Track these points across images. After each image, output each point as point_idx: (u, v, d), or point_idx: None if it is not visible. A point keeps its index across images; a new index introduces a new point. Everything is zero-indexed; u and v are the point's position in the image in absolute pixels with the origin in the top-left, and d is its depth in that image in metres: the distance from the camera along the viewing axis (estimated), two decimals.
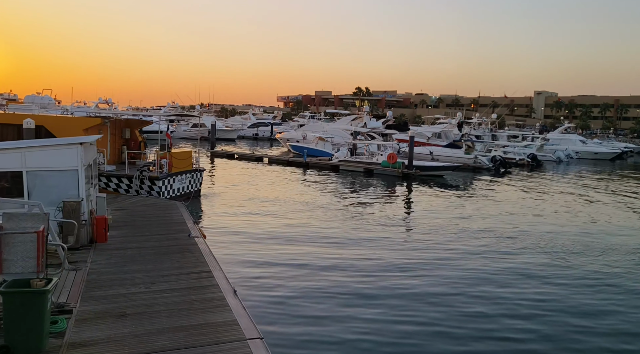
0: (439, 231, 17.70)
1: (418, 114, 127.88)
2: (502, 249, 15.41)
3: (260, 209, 20.62)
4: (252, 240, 15.36)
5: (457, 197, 26.83)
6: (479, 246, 15.75)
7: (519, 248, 15.64)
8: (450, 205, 23.83)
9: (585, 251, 15.61)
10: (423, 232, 17.61)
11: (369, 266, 13.11)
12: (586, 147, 64.85)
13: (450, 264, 13.58)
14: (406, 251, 14.95)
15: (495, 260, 14.15)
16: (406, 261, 13.78)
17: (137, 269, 9.71)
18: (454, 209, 22.75)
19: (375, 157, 37.20)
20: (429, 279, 12.25)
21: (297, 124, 75.27)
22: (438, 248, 15.32)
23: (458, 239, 16.63)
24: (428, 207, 23.10)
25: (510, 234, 17.54)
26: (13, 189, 11.13)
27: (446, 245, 15.71)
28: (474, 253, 14.81)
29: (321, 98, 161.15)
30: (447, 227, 18.35)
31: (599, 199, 27.97)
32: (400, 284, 11.79)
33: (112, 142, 22.03)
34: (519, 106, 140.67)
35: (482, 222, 19.68)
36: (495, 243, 16.16)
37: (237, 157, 43.04)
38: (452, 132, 51.48)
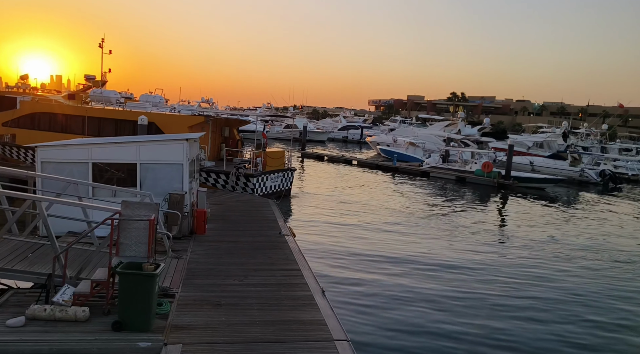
0: (534, 247, 16.59)
1: (518, 121, 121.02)
2: (605, 273, 14.06)
3: (347, 211, 20.73)
4: (339, 242, 15.48)
5: (559, 212, 24.95)
6: (578, 267, 14.52)
7: (623, 272, 14.17)
8: (550, 221, 22.23)
9: None
10: (518, 246, 16.61)
11: (457, 279, 12.63)
12: None
13: (545, 284, 12.67)
14: (499, 267, 14.20)
15: (596, 283, 12.95)
16: (499, 277, 13.08)
17: (232, 262, 10.22)
18: (554, 225, 21.19)
19: (468, 165, 35.77)
20: (521, 299, 11.52)
21: (388, 128, 74.65)
22: (533, 266, 14.36)
23: (555, 258, 15.46)
24: (525, 221, 21.74)
25: (616, 258, 15.96)
26: (128, 179, 12.24)
27: (541, 263, 14.68)
28: (572, 274, 13.67)
29: (413, 102, 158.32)
30: (544, 244, 17.14)
31: None
32: (490, 299, 11.22)
33: (213, 140, 23.38)
34: (635, 117, 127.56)
35: (585, 242, 18.11)
36: (597, 265, 14.79)
37: (326, 159, 43.66)
38: (556, 143, 48.01)
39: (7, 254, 8.57)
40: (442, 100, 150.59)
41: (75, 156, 12.05)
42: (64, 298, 7.08)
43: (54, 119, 24.46)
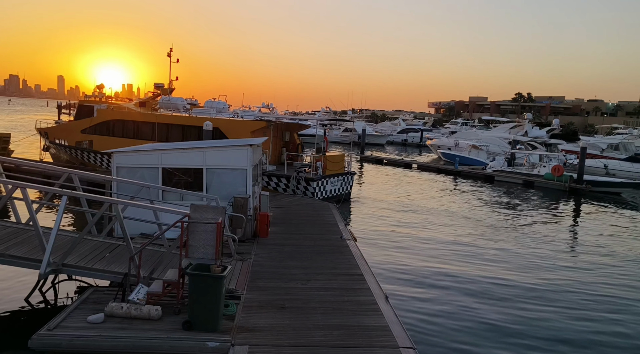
0: (611, 256, 15.49)
1: (590, 122, 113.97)
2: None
3: (408, 216, 20.37)
4: (401, 248, 15.22)
5: (636, 218, 23.20)
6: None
7: None
8: (627, 227, 20.71)
9: None
10: (593, 257, 15.58)
11: (525, 291, 12.02)
12: None
13: (617, 300, 11.78)
14: (571, 281, 13.38)
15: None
16: (570, 289, 12.33)
17: (295, 265, 10.32)
18: (631, 232, 19.70)
19: (536, 168, 34.13)
20: (596, 312, 10.78)
21: (449, 131, 72.90)
22: (607, 276, 13.41)
23: (631, 267, 14.34)
24: (600, 228, 20.37)
25: None
26: (195, 183, 12.71)
27: (617, 274, 13.67)
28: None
29: (475, 104, 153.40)
30: (621, 254, 15.96)
31: None
32: (559, 316, 10.58)
33: (274, 144, 23.82)
34: None
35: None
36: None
37: (385, 163, 43.23)
38: (634, 145, 44.75)
39: (87, 254, 9.14)
40: (506, 101, 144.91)
41: (147, 161, 12.68)
42: (139, 296, 7.44)
43: (127, 125, 25.92)
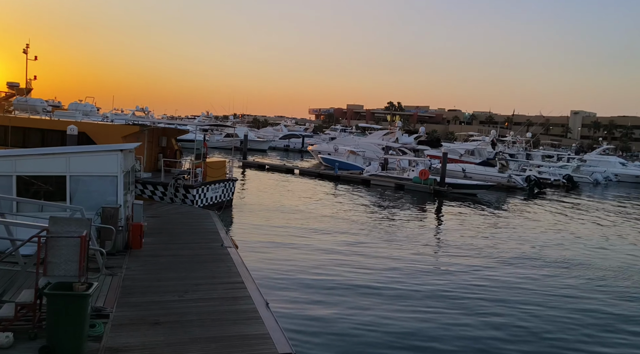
0: (469, 252, 17.33)
1: (450, 130, 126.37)
2: (537, 274, 14.95)
3: (290, 221, 20.68)
4: (283, 253, 15.39)
5: (491, 217, 26.27)
6: (511, 271, 15.34)
7: (554, 272, 15.14)
8: (483, 225, 23.34)
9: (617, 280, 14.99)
10: (454, 251, 17.27)
11: (399, 286, 12.92)
12: (627, 170, 62.53)
13: (480, 286, 13.26)
14: (439, 274, 14.70)
15: (529, 284, 13.74)
16: (438, 283, 13.53)
17: (171, 277, 9.86)
18: (487, 229, 22.27)
19: (406, 172, 36.90)
20: (457, 302, 11.98)
21: (329, 137, 75.61)
22: (468, 270, 14.99)
23: (489, 260, 16.24)
24: (460, 226, 22.69)
25: (547, 259, 17.01)
26: (57, 193, 11.52)
27: (476, 266, 15.37)
28: (506, 277, 14.42)
29: (353, 111, 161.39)
30: (479, 248, 17.96)
31: (634, 223, 26.89)
32: (433, 311, 11.56)
33: (149, 150, 22.59)
34: (555, 126, 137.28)
35: (515, 244, 19.17)
36: (529, 267, 15.69)
37: (268, 168, 43.44)
38: (486, 150, 50.66)
39: None
40: (380, 109, 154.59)
41: None
42: None
43: None
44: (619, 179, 59.66)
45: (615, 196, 43.34)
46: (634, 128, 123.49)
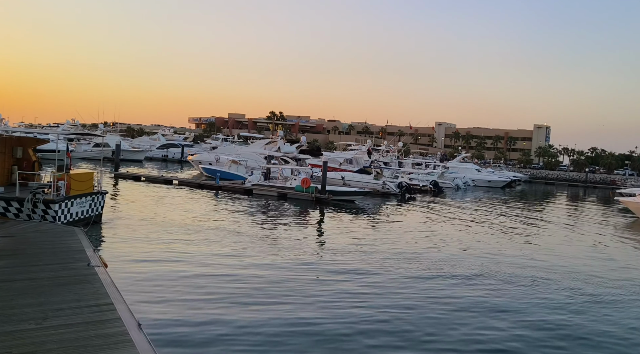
0: (350, 255, 18.07)
1: (330, 140, 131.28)
2: (413, 273, 16.09)
3: (169, 235, 19.72)
4: (159, 269, 14.59)
5: (368, 221, 27.72)
6: (395, 271, 16.32)
7: (423, 270, 16.44)
8: (361, 229, 24.53)
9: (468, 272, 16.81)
10: (336, 256, 17.86)
11: (284, 297, 13.00)
12: (481, 176, 70.61)
13: (361, 288, 13.91)
14: (322, 282, 15.06)
15: (406, 284, 14.73)
16: (325, 290, 13.87)
17: (27, 304, 8.79)
18: (366, 233, 23.45)
19: (289, 181, 37.45)
20: (335, 306, 12.43)
21: (210, 147, 73.89)
22: (349, 272, 15.63)
23: (366, 261, 17.11)
24: (341, 231, 23.59)
25: (421, 259, 18.38)
26: None
27: (356, 269, 16.08)
28: (384, 279, 15.31)
29: (234, 121, 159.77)
30: (358, 251, 18.82)
31: (493, 223, 30.40)
32: (312, 320, 11.81)
33: (1, 162, 20.03)
34: (422, 136, 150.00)
35: (391, 245, 20.43)
36: (406, 266, 16.83)
37: (144, 180, 41.04)
38: (363, 159, 53.50)
39: None
40: (262, 118, 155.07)
41: None
42: None
43: None
44: (475, 183, 67.08)
45: (472, 198, 48.58)
46: (486, 138, 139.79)
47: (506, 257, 19.71)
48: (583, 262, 19.98)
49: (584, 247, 24.18)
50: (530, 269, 17.53)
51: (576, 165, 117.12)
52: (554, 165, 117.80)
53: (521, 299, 13.85)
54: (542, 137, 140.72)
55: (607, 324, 12.22)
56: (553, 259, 20.02)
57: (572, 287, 15.51)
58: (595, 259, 21.07)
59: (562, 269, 18.11)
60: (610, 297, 14.70)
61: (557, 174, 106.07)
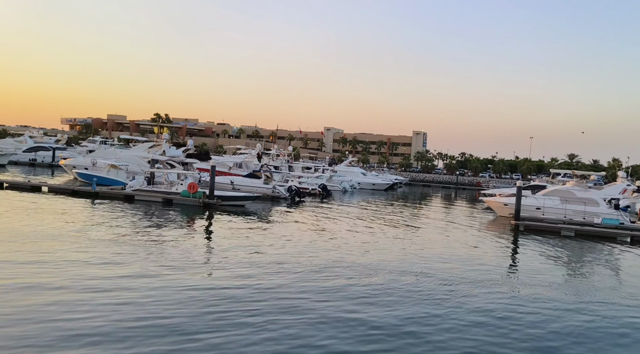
0: (240, 261, 17.90)
1: (220, 143, 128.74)
2: (305, 276, 16.40)
3: (36, 247, 17.80)
4: (19, 295, 13.14)
5: (258, 226, 27.67)
6: (280, 274, 16.46)
7: (314, 271, 16.86)
8: (251, 234, 24.39)
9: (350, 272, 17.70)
10: (224, 263, 17.58)
11: (170, 310, 12.48)
12: (366, 179, 74.41)
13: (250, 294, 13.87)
14: (207, 289, 14.72)
15: (298, 286, 14.97)
16: (213, 296, 13.56)
17: None
18: (256, 237, 23.36)
19: (174, 186, 36.01)
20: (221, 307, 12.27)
21: (86, 150, 68.31)
22: (235, 278, 15.49)
23: (257, 266, 17.10)
24: (230, 237, 23.24)
25: (314, 261, 18.79)
26: None
27: (244, 274, 15.98)
28: (272, 283, 15.42)
29: (114, 122, 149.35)
30: (247, 257, 18.71)
31: (378, 223, 32.19)
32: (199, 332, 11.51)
33: None
34: (312, 140, 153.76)
35: (280, 250, 20.62)
36: (296, 270, 17.09)
37: (7, 187, 36.62)
38: (253, 163, 53.26)
39: None
40: (145, 120, 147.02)
41: None
42: None
43: None
44: (361, 186, 70.49)
45: (358, 200, 50.95)
46: (370, 143, 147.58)
47: (387, 254, 20.98)
48: (451, 256, 21.96)
49: (453, 242, 26.58)
50: (404, 266, 18.86)
51: (449, 168, 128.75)
52: (430, 169, 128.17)
53: (393, 292, 14.87)
54: (420, 143, 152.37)
55: (473, 311, 13.61)
56: (427, 253, 21.76)
57: (437, 279, 17.00)
58: (462, 254, 23.29)
59: (429, 263, 19.76)
60: (473, 287, 16.36)
61: (433, 177, 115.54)
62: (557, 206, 37.56)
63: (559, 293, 16.24)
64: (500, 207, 42.27)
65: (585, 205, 36.69)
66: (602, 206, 36.87)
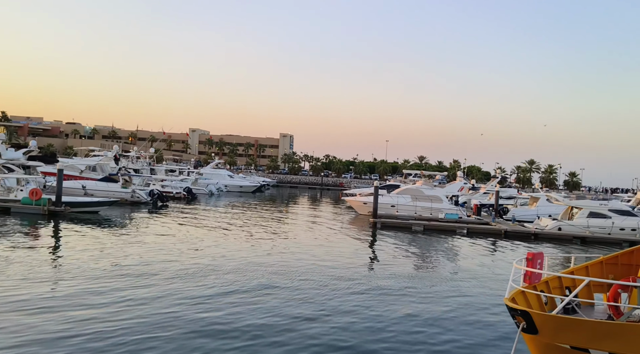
0: (92, 274, 16.46)
1: (70, 144, 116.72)
2: (167, 285, 15.64)
3: None
4: None
5: (113, 234, 25.70)
6: (134, 285, 15.50)
7: (178, 278, 16.21)
8: (106, 243, 22.56)
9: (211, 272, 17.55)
10: (74, 276, 16.00)
11: None
12: (233, 181, 73.77)
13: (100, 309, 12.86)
14: (49, 309, 13.29)
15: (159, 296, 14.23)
16: (53, 319, 12.23)
17: None
18: (110, 247, 21.66)
19: (13, 193, 31.78)
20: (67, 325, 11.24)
21: None
22: (88, 293, 14.24)
23: (112, 278, 15.90)
24: (79, 247, 21.18)
25: (173, 267, 17.98)
26: None
27: (98, 287, 14.77)
28: (130, 294, 14.48)
29: None
30: (101, 268, 17.29)
31: (246, 225, 32.06)
32: None
33: None
34: (176, 142, 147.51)
35: (136, 258, 19.43)
36: (153, 278, 16.23)
37: None
38: (109, 166, 49.33)
39: None
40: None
41: None
42: None
43: None
44: (228, 189, 69.66)
45: (225, 203, 50.24)
46: (238, 145, 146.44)
47: (252, 256, 21.06)
48: (314, 254, 22.86)
49: (317, 241, 27.67)
50: (269, 266, 19.18)
51: (314, 170, 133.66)
52: (297, 170, 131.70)
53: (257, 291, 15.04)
54: (287, 145, 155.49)
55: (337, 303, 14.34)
56: (292, 252, 22.35)
57: (298, 274, 17.62)
58: (323, 251, 24.37)
59: (294, 262, 20.38)
60: (336, 281, 17.25)
61: (300, 179, 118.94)
62: (408, 204, 41.30)
63: (410, 282, 17.90)
64: (360, 206, 45.14)
65: (432, 202, 40.94)
66: (445, 203, 41.54)
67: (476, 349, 11.41)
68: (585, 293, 10.29)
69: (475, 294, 16.80)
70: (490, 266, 23.23)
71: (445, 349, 11.30)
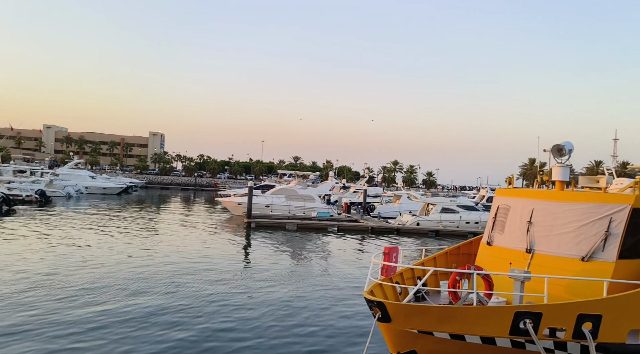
0: None
1: None
2: None
3: None
4: None
5: None
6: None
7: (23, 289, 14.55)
8: None
9: None
10: None
11: None
12: (95, 183, 68.04)
13: None
14: None
15: None
16: None
17: None
18: None
19: None
20: None
21: None
22: None
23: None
24: None
25: (18, 277, 16.06)
26: None
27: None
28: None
29: None
30: None
31: (106, 231, 29.74)
32: None
33: None
34: (27, 139, 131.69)
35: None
36: None
37: None
38: None
39: None
40: None
41: None
42: None
43: None
44: (90, 191, 64.13)
45: (85, 206, 46.12)
46: (101, 144, 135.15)
47: (114, 264, 19.72)
48: (186, 257, 22.18)
49: (189, 244, 26.83)
50: (134, 271, 18.19)
51: (187, 170, 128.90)
52: (168, 171, 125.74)
53: None
54: (158, 144, 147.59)
55: None
56: (161, 256, 21.39)
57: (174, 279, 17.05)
58: (196, 254, 23.75)
59: (162, 266, 19.60)
60: (207, 284, 16.96)
61: (172, 179, 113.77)
62: (283, 203, 42.03)
63: (279, 281, 18.28)
64: (235, 207, 44.75)
65: (305, 201, 42.17)
66: (317, 202, 43.09)
67: (336, 340, 12.10)
68: (433, 282, 11.54)
69: (342, 288, 17.77)
70: (356, 261, 24.70)
71: (304, 341, 11.80)
